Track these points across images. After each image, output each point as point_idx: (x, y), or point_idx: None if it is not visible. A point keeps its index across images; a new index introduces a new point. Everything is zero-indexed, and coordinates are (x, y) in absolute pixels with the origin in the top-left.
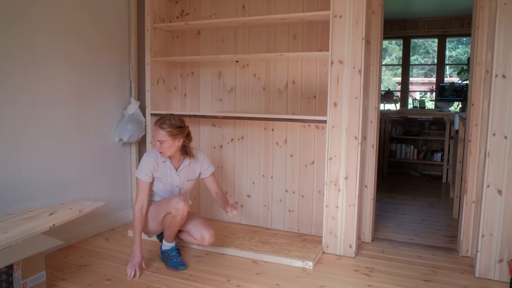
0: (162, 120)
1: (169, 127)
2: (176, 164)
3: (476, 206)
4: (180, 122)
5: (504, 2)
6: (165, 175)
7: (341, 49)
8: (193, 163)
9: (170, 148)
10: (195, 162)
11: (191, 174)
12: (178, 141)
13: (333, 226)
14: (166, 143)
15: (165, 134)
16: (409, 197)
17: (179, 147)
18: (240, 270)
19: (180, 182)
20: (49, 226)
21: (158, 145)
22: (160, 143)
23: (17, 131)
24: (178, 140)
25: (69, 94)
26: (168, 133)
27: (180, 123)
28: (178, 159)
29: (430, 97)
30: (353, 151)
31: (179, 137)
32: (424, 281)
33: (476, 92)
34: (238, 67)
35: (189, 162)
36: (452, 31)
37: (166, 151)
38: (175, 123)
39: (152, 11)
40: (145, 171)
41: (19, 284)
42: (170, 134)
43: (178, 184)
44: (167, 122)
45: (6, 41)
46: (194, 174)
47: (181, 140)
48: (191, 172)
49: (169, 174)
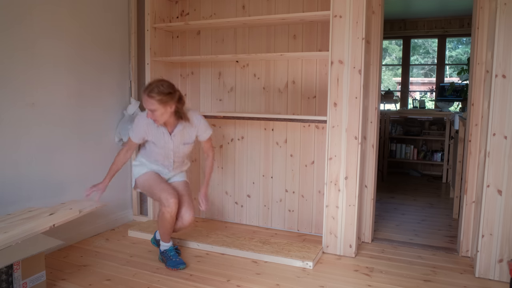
0: (150, 88)
1: (158, 95)
2: (170, 129)
3: (476, 206)
4: (169, 88)
5: (504, 2)
6: (158, 139)
7: (341, 49)
8: (188, 127)
9: (163, 115)
10: (190, 127)
11: (186, 137)
12: (170, 107)
13: (333, 226)
14: (157, 111)
15: (155, 102)
16: (409, 197)
17: (172, 112)
18: (240, 270)
19: (175, 146)
20: (49, 226)
21: (150, 114)
22: (151, 111)
23: (17, 131)
24: (170, 106)
25: (69, 94)
26: (158, 101)
27: (169, 89)
28: (172, 124)
29: (430, 97)
30: (353, 151)
31: (170, 103)
32: (424, 281)
33: (476, 92)
34: (238, 67)
35: (183, 127)
36: (452, 31)
37: (159, 118)
38: (163, 89)
39: (152, 11)
40: (136, 134)
41: (19, 284)
42: (160, 102)
43: (172, 148)
44: (155, 90)
45: (7, 42)
46: (190, 137)
47: (173, 106)
48: (186, 136)
49: (163, 138)
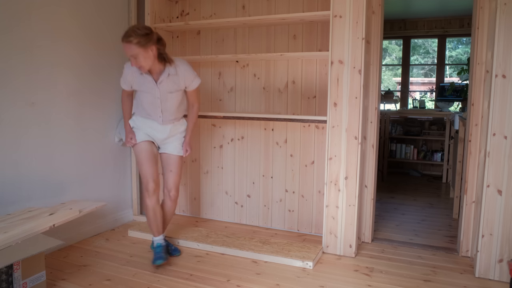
0: (127, 33)
1: (136, 38)
2: (156, 77)
3: (476, 206)
4: (146, 30)
5: (504, 2)
6: (145, 87)
7: (341, 49)
8: (173, 76)
9: (146, 60)
10: (175, 75)
11: (172, 86)
12: (151, 49)
13: (333, 226)
14: (139, 56)
15: (135, 46)
16: (409, 197)
17: (155, 56)
18: (240, 270)
19: (161, 94)
20: (49, 226)
21: (134, 61)
22: (134, 58)
23: (17, 131)
24: (150, 49)
25: (69, 94)
26: (137, 44)
27: (146, 30)
28: (158, 71)
29: (430, 97)
30: (353, 151)
31: (149, 45)
32: (424, 281)
33: (476, 92)
34: (238, 67)
35: (169, 74)
36: (452, 31)
37: (143, 63)
38: (140, 32)
39: (152, 11)
40: (125, 81)
41: (19, 284)
42: (139, 45)
43: (159, 96)
44: (132, 34)
45: (7, 41)
46: (177, 86)
47: (154, 48)
48: (173, 84)
49: (149, 86)
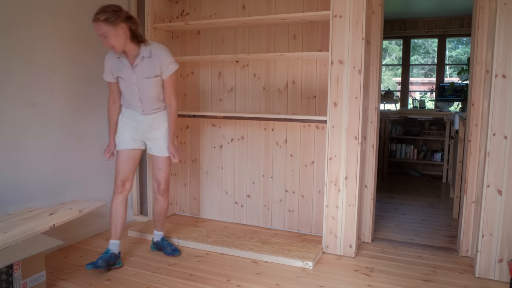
0: (95, 13)
1: (103, 15)
2: (131, 61)
3: (476, 206)
4: (114, 7)
5: (504, 2)
6: (122, 73)
7: (341, 49)
8: (147, 58)
9: (117, 39)
10: (149, 58)
11: (147, 70)
12: (121, 27)
13: (333, 226)
14: (109, 34)
15: (103, 24)
16: (409, 197)
17: (128, 36)
18: (240, 270)
19: (138, 80)
20: (49, 226)
21: (104, 40)
22: (104, 37)
23: (17, 132)
24: (120, 27)
25: (69, 94)
26: (104, 22)
27: (114, 7)
28: (134, 54)
29: (430, 97)
30: (353, 151)
31: (118, 22)
32: (424, 281)
33: (476, 92)
34: (238, 67)
35: (143, 57)
36: (452, 31)
37: (115, 43)
38: (108, 9)
39: (152, 11)
40: (107, 72)
41: (19, 284)
42: (108, 22)
43: (136, 81)
44: (100, 12)
45: (7, 44)
46: (153, 71)
47: (124, 25)
48: (147, 68)
49: (126, 71)
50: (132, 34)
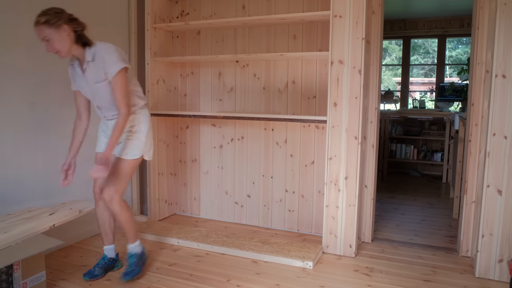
0: (36, 16)
1: (44, 18)
2: (82, 66)
3: (476, 206)
4: (55, 9)
5: (504, 2)
6: (78, 81)
7: (341, 49)
8: (91, 62)
9: (61, 43)
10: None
11: (95, 75)
12: (64, 29)
13: (333, 226)
14: (52, 38)
15: (44, 26)
16: (409, 197)
17: (73, 38)
18: (240, 270)
19: (89, 85)
20: (49, 226)
21: (47, 45)
22: (47, 41)
23: (17, 131)
24: (63, 29)
25: (69, 94)
26: (45, 24)
27: (56, 9)
28: (83, 60)
29: (430, 97)
30: (353, 151)
31: (60, 24)
32: (424, 281)
33: (476, 92)
34: (238, 67)
35: (88, 62)
36: (452, 31)
37: (59, 47)
38: (48, 11)
39: (152, 11)
40: (71, 80)
41: (19, 284)
42: (49, 24)
43: (89, 88)
44: (41, 15)
45: (6, 41)
46: (100, 74)
47: (67, 27)
48: (95, 72)
49: (79, 78)
50: (77, 37)
